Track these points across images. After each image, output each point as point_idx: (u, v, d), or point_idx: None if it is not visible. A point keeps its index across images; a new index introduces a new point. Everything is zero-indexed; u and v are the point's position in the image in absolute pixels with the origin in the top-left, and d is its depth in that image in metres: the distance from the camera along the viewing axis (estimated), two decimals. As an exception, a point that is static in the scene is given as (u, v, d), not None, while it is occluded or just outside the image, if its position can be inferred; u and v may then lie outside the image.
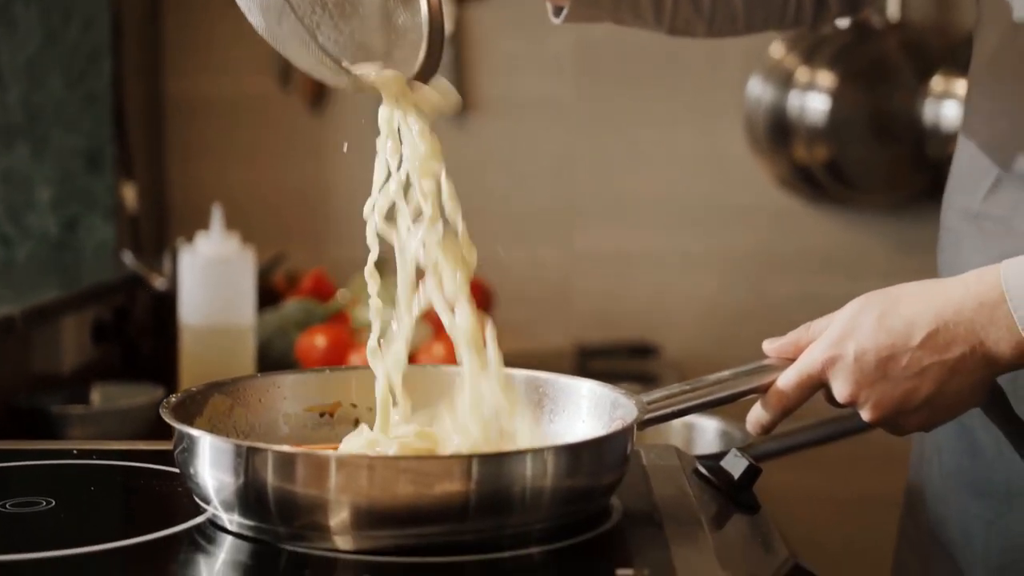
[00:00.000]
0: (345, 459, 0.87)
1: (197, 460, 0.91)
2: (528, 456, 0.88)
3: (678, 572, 0.84)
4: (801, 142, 2.20)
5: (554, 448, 0.90)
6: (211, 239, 1.63)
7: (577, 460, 0.90)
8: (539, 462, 0.88)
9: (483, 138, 2.30)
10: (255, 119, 2.29)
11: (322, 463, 0.86)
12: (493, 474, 0.87)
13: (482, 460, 0.87)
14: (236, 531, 0.91)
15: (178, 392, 1.01)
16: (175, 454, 0.94)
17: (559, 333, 2.28)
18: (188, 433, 0.91)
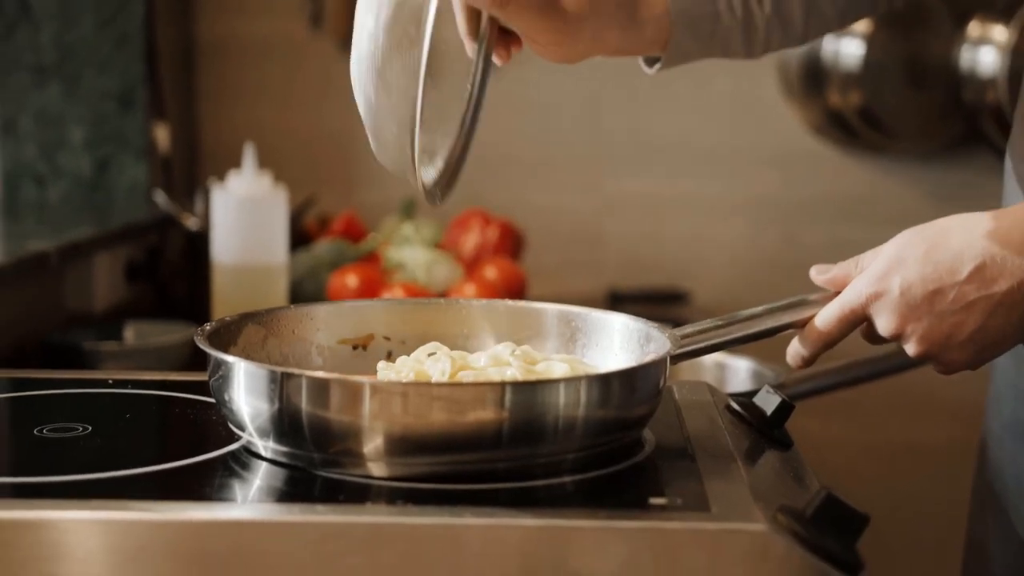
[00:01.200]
0: (379, 385, 0.87)
1: (232, 387, 0.91)
2: (561, 384, 0.88)
3: (711, 502, 0.84)
4: (835, 88, 2.18)
5: (587, 377, 0.90)
6: (244, 178, 1.63)
7: (610, 390, 0.90)
8: (572, 391, 0.88)
9: (514, 83, 2.29)
10: (286, 61, 2.29)
11: (356, 389, 0.87)
12: (526, 402, 0.87)
13: (515, 388, 0.87)
14: (271, 457, 0.92)
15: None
16: (210, 382, 0.95)
17: (590, 278, 2.28)
18: (223, 359, 0.92)
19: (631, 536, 0.81)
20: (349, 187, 2.29)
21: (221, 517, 0.83)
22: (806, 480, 0.97)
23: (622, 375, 0.92)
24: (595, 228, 2.32)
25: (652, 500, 0.85)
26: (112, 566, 0.82)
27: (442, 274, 1.76)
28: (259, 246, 1.62)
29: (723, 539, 0.81)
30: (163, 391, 1.10)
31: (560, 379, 0.90)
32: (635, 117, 2.29)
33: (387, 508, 0.84)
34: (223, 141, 2.27)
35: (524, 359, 0.97)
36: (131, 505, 0.83)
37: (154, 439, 1.03)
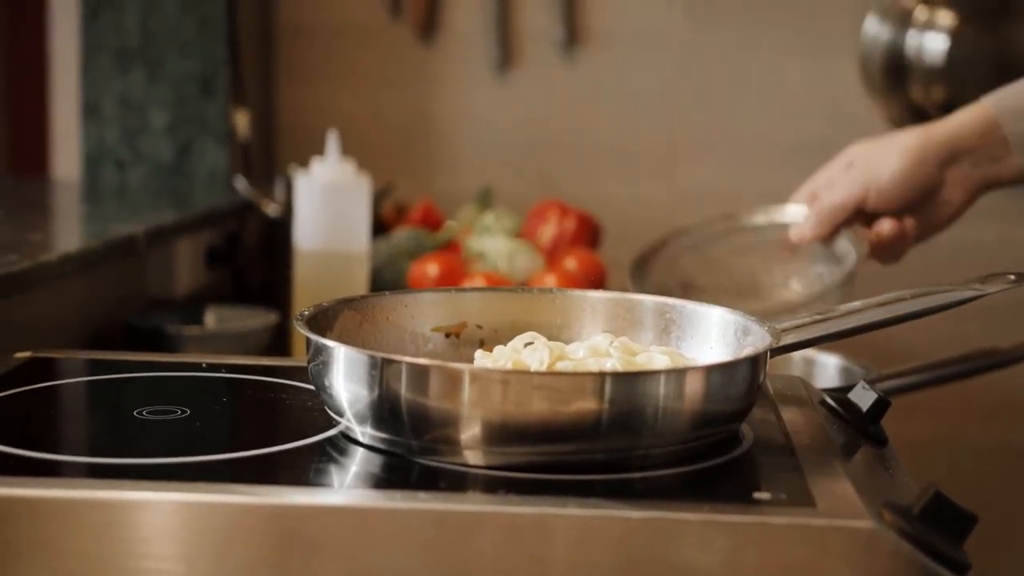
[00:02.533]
0: (479, 373, 0.87)
1: (331, 372, 0.91)
2: (662, 376, 0.88)
3: (816, 497, 0.84)
4: (918, 83, 2.16)
5: (689, 369, 0.90)
6: (327, 164, 1.63)
7: (711, 383, 0.89)
8: (673, 382, 0.88)
9: (590, 72, 2.28)
10: (365, 47, 2.29)
11: (456, 376, 0.86)
12: (626, 393, 0.86)
13: (616, 378, 0.87)
14: (368, 443, 0.92)
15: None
16: (309, 366, 0.95)
17: (663, 270, 2.27)
18: (324, 344, 0.92)
19: (736, 530, 0.80)
20: (425, 175, 2.30)
21: (319, 502, 0.83)
22: (904, 477, 0.96)
23: (724, 368, 0.91)
24: (669, 220, 2.30)
25: (755, 494, 0.84)
26: (211, 548, 0.82)
27: (523, 264, 1.75)
28: (341, 233, 1.62)
29: (830, 535, 0.80)
30: (257, 375, 1.10)
31: (661, 370, 0.90)
32: (711, 109, 2.27)
33: (487, 496, 0.84)
34: (301, 127, 2.28)
35: (623, 350, 0.97)
36: (229, 488, 0.83)
37: (251, 423, 1.03)
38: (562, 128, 2.30)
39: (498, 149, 2.30)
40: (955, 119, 1.33)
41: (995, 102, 1.31)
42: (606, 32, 2.28)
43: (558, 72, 2.28)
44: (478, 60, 2.28)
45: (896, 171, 1.36)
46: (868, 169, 1.38)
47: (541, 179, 2.27)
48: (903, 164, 1.35)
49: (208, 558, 0.82)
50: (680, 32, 2.27)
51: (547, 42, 2.27)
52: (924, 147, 1.34)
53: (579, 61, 2.29)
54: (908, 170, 1.35)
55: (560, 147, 2.30)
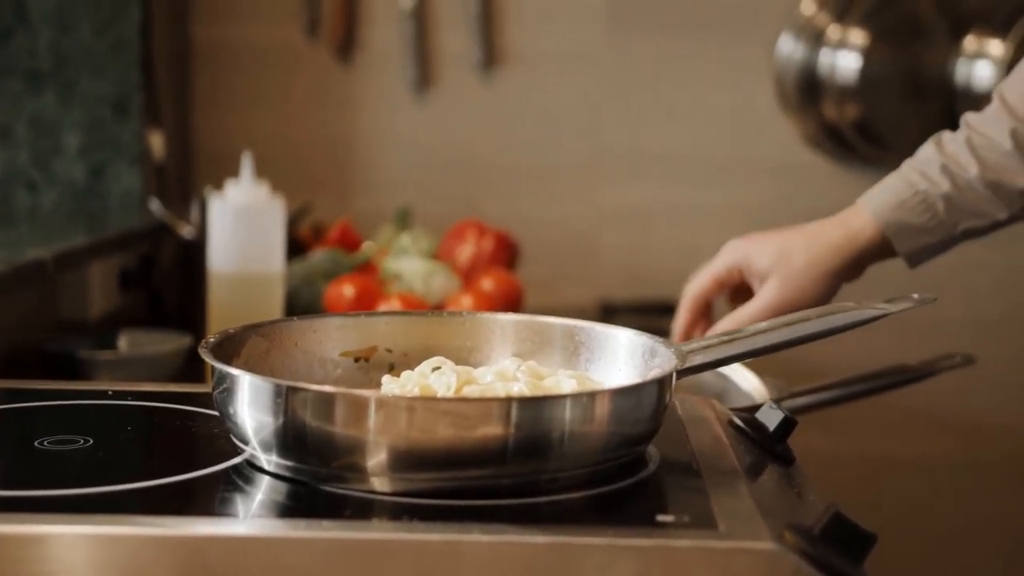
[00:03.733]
0: (384, 399, 0.87)
1: (236, 400, 0.91)
2: (568, 400, 0.88)
3: (718, 519, 0.84)
4: (831, 100, 2.19)
5: (594, 393, 0.90)
6: (241, 186, 1.62)
7: (617, 406, 0.90)
8: (579, 407, 0.88)
9: (508, 92, 2.28)
10: (282, 68, 2.28)
11: (362, 403, 0.86)
12: (533, 417, 0.87)
13: (522, 403, 0.87)
14: (274, 471, 0.91)
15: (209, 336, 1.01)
16: (214, 394, 0.94)
17: (584, 289, 2.28)
18: (228, 372, 0.91)
19: (640, 554, 0.80)
20: (344, 196, 2.29)
21: (224, 532, 0.83)
22: (810, 497, 0.97)
23: (629, 391, 0.92)
24: (589, 239, 2.31)
25: (659, 517, 0.84)
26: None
27: (440, 285, 1.75)
28: (256, 255, 1.61)
29: (732, 557, 0.80)
30: (164, 403, 1.09)
31: (567, 395, 0.90)
32: (631, 128, 2.29)
33: (393, 524, 0.84)
34: (218, 148, 2.26)
35: (531, 374, 0.97)
36: (134, 520, 0.83)
37: (155, 452, 1.02)
38: (482, 148, 2.30)
39: (417, 169, 2.30)
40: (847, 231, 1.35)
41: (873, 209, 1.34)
42: (524, 53, 2.28)
43: (477, 92, 2.28)
44: (396, 81, 2.28)
45: (819, 296, 1.35)
46: (790, 286, 1.36)
47: (461, 199, 2.27)
48: (826, 287, 1.35)
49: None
50: (599, 52, 2.28)
51: (465, 62, 2.27)
52: (839, 268, 1.35)
53: (498, 81, 2.29)
54: (828, 294, 1.35)
55: (480, 167, 2.30)
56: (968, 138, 1.31)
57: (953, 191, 1.30)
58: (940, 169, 1.31)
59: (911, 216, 1.31)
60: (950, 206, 1.30)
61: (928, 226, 1.31)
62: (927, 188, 1.31)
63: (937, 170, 1.31)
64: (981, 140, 1.30)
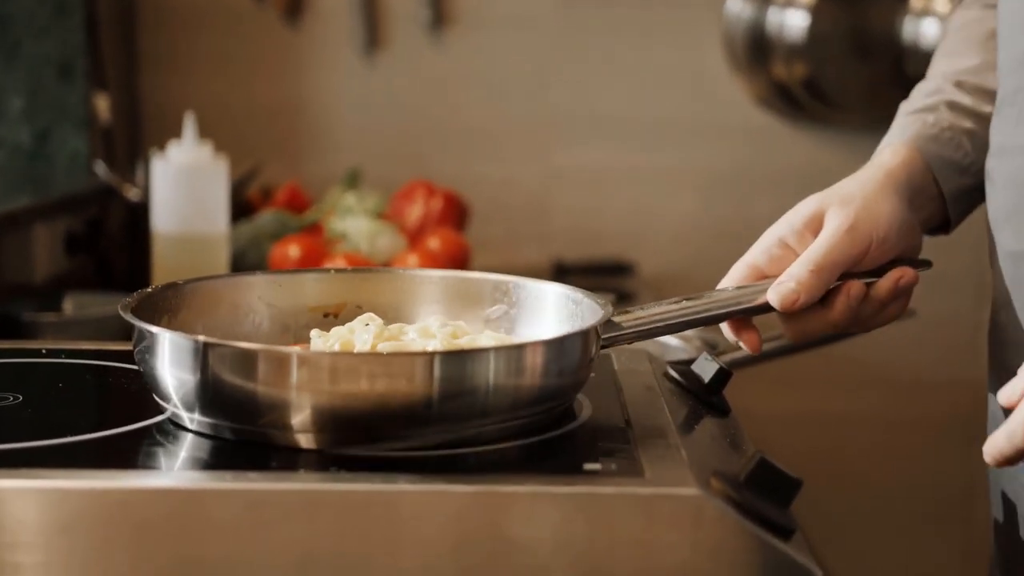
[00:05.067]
0: (306, 356, 0.86)
1: (156, 357, 0.90)
2: (491, 353, 0.88)
3: (645, 467, 0.84)
4: (779, 59, 2.19)
5: (516, 346, 0.90)
6: (184, 147, 1.62)
7: (526, 361, 0.89)
8: (501, 359, 0.87)
9: (458, 53, 2.28)
10: (229, 30, 2.26)
11: (283, 359, 0.85)
12: (447, 373, 0.86)
13: (444, 357, 0.86)
14: (196, 429, 0.91)
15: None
16: (134, 352, 0.94)
17: (536, 250, 2.28)
18: (146, 330, 0.90)
19: (564, 501, 0.81)
20: (293, 158, 2.28)
21: (152, 485, 0.83)
22: (743, 447, 0.98)
23: (551, 344, 0.91)
24: (541, 200, 2.31)
25: (586, 466, 0.85)
26: (43, 535, 0.81)
27: (385, 244, 1.75)
28: (199, 216, 1.61)
29: (656, 504, 0.81)
30: (98, 360, 1.08)
31: (489, 348, 0.90)
32: (582, 88, 2.28)
33: (319, 475, 0.84)
34: (165, 111, 2.24)
35: (452, 333, 0.97)
36: (62, 474, 0.82)
37: (86, 409, 1.01)
38: (432, 110, 2.30)
39: (368, 131, 2.29)
40: (885, 158, 1.10)
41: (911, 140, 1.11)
42: (474, 13, 2.28)
43: (426, 54, 2.27)
44: (345, 42, 2.26)
45: (890, 215, 1.06)
46: (864, 217, 1.06)
47: (412, 161, 2.26)
48: (896, 207, 1.07)
49: (39, 546, 0.81)
50: (549, 13, 2.27)
51: (414, 23, 2.26)
52: (901, 186, 1.08)
53: (447, 42, 2.28)
54: (899, 213, 1.07)
55: (431, 129, 2.30)
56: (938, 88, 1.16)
57: (976, 126, 1.13)
58: (948, 107, 1.13)
59: (948, 150, 1.11)
60: (975, 142, 1.13)
61: (963, 163, 1.12)
62: (953, 122, 1.13)
63: (945, 109, 1.13)
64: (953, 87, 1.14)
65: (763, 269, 1.05)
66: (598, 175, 2.30)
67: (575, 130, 2.29)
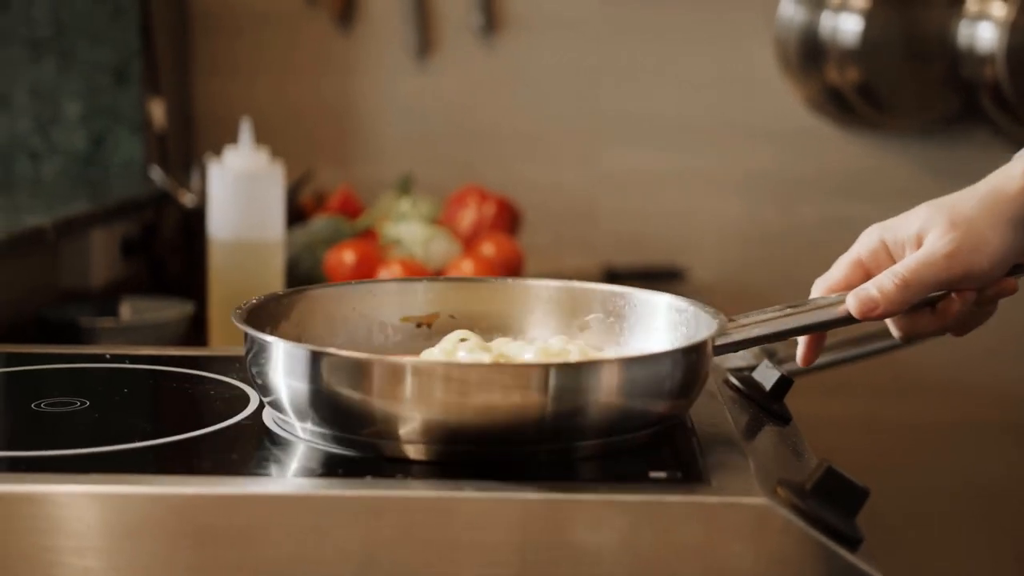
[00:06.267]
0: (420, 366, 0.85)
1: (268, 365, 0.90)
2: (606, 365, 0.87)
3: (710, 475, 0.84)
4: (832, 63, 2.18)
5: (631, 359, 0.90)
6: (240, 153, 1.62)
7: (657, 371, 0.89)
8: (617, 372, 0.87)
9: (508, 57, 2.28)
10: (283, 35, 2.27)
11: (397, 370, 0.85)
12: (571, 384, 0.85)
13: (560, 369, 0.86)
14: (308, 438, 0.90)
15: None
16: (246, 360, 0.94)
17: (585, 254, 2.28)
18: (259, 338, 0.90)
19: (630, 509, 0.81)
20: (345, 162, 2.29)
21: (216, 491, 0.83)
22: (805, 455, 0.97)
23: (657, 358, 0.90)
24: (590, 204, 2.31)
25: (652, 474, 0.85)
26: (109, 540, 0.82)
27: (440, 250, 1.75)
28: (255, 222, 1.61)
29: (722, 512, 0.81)
30: (160, 366, 1.09)
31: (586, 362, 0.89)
32: (632, 92, 2.28)
33: (385, 481, 0.84)
34: (219, 116, 2.26)
35: (544, 349, 0.96)
36: (128, 479, 0.83)
37: (151, 413, 1.02)
38: (482, 114, 2.30)
39: (419, 136, 2.30)
40: (1012, 176, 1.03)
41: None
42: (525, 17, 2.28)
43: (477, 58, 2.28)
44: (397, 47, 2.27)
45: (1003, 243, 1.01)
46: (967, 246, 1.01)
47: (462, 165, 2.27)
48: (1009, 233, 1.01)
49: (105, 550, 0.81)
50: (599, 16, 2.27)
51: (466, 28, 2.26)
52: (1018, 214, 1.02)
53: (498, 47, 2.29)
54: (1009, 244, 1.02)
55: (481, 133, 2.30)
56: None
57: None
58: None
59: None
60: None
61: None
62: None
63: None
64: None
65: (867, 266, 1.02)
66: (647, 178, 2.30)
67: (624, 134, 2.29)
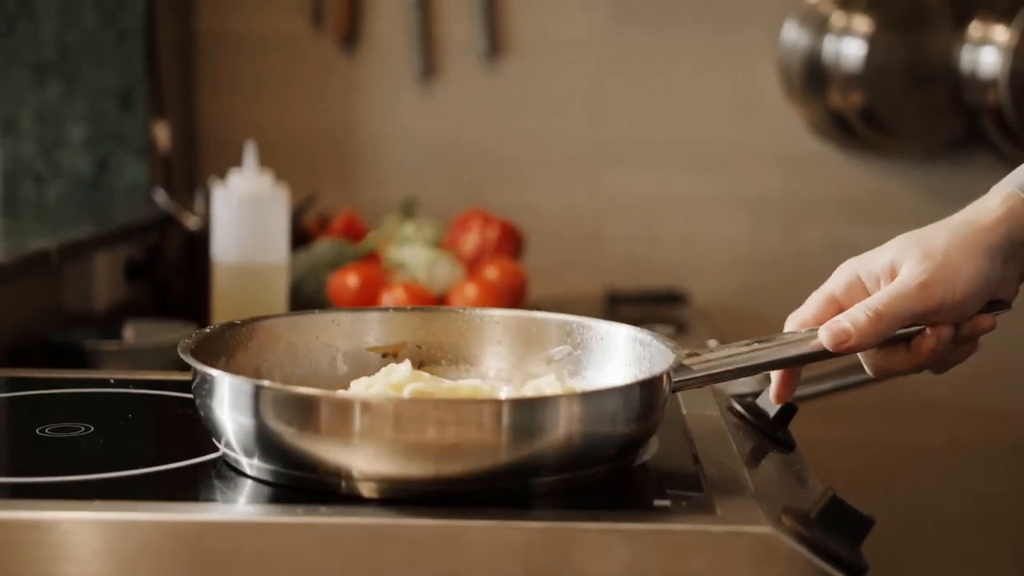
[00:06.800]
0: (370, 402, 0.84)
1: (213, 399, 0.90)
2: (559, 401, 0.86)
3: (716, 504, 0.84)
4: (836, 88, 2.18)
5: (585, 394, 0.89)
6: (244, 176, 1.63)
7: (608, 406, 0.87)
8: (571, 407, 0.86)
9: (513, 80, 2.28)
10: (286, 58, 2.28)
11: (346, 405, 0.84)
12: (524, 420, 0.84)
13: (513, 405, 0.85)
14: (255, 475, 0.90)
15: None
16: (192, 388, 0.93)
17: (588, 278, 2.28)
18: (204, 371, 0.90)
19: (636, 538, 0.81)
20: (349, 185, 2.29)
21: (223, 518, 0.83)
22: (809, 482, 0.97)
23: (609, 393, 0.89)
24: (594, 228, 2.31)
25: (657, 502, 0.84)
26: (114, 566, 0.82)
27: (443, 274, 1.75)
28: (259, 245, 1.62)
29: (728, 541, 0.80)
30: (164, 391, 1.09)
31: (539, 397, 0.88)
32: (635, 116, 2.28)
33: (389, 509, 0.84)
34: (224, 138, 2.26)
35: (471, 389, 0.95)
36: (133, 506, 0.83)
37: (156, 439, 1.02)
38: (486, 137, 2.30)
39: (423, 159, 2.30)
40: (988, 208, 1.04)
41: (1020, 184, 1.05)
42: (528, 41, 2.28)
43: (481, 81, 2.28)
44: (401, 70, 2.28)
45: (977, 274, 1.01)
46: (941, 277, 1.01)
47: (466, 189, 2.27)
48: (985, 264, 1.02)
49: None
50: (602, 40, 2.28)
51: (470, 51, 2.27)
52: (991, 244, 1.03)
53: (502, 70, 2.29)
54: (984, 275, 1.02)
55: (485, 156, 2.30)
56: None
57: None
58: None
59: None
60: None
61: None
62: None
63: None
64: None
65: (840, 301, 1.01)
66: (651, 203, 2.30)
67: (628, 157, 2.29)
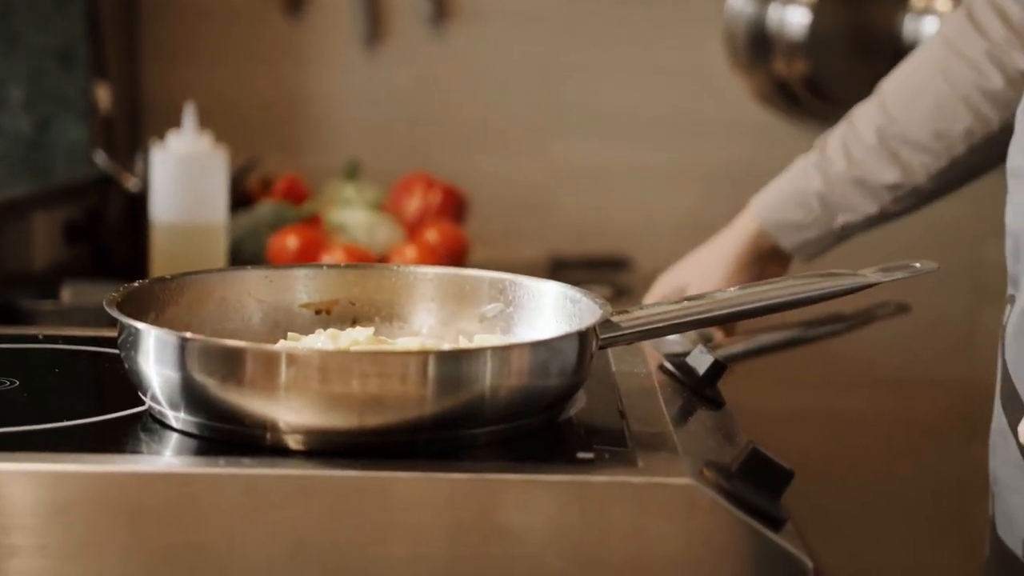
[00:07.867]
0: (295, 355, 0.84)
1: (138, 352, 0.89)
2: (486, 354, 0.86)
3: (638, 457, 0.85)
4: (780, 56, 2.19)
5: (510, 346, 0.89)
6: (183, 137, 1.62)
7: (534, 359, 0.88)
8: (495, 360, 0.86)
9: (460, 47, 2.28)
10: (232, 22, 2.26)
11: (272, 358, 0.84)
12: (450, 373, 0.85)
13: (439, 357, 0.85)
14: (181, 428, 0.90)
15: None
16: (118, 343, 0.93)
17: (535, 245, 2.28)
18: (129, 324, 0.90)
19: (557, 489, 0.81)
20: (293, 150, 2.28)
21: (147, 469, 0.83)
22: (736, 439, 0.98)
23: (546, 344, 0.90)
24: (541, 195, 2.31)
25: (580, 455, 0.85)
26: (38, 518, 0.81)
27: (384, 236, 1.75)
28: (198, 205, 1.61)
29: (649, 492, 0.81)
30: (95, 347, 1.09)
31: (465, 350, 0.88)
32: (584, 84, 2.28)
33: (313, 461, 0.84)
34: (168, 103, 2.24)
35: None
36: (57, 457, 0.83)
37: (82, 394, 1.02)
38: (433, 103, 2.30)
39: (369, 125, 2.29)
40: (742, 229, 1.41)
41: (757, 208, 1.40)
42: (476, 7, 2.28)
43: (428, 47, 2.27)
44: (347, 36, 2.26)
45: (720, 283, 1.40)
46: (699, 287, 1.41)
47: (413, 155, 2.26)
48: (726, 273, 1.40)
49: (34, 528, 0.81)
50: (551, 8, 2.27)
51: (416, 17, 2.26)
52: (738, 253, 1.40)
53: (449, 36, 2.28)
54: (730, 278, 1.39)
55: (431, 123, 2.30)
56: (843, 133, 1.33)
57: (824, 187, 1.33)
58: (815, 166, 1.34)
59: (789, 213, 1.35)
60: (823, 202, 1.33)
61: (805, 222, 1.34)
62: (803, 185, 1.34)
63: (812, 167, 1.34)
64: (851, 135, 1.31)
65: None
66: (598, 171, 2.30)
67: (576, 125, 2.29)
